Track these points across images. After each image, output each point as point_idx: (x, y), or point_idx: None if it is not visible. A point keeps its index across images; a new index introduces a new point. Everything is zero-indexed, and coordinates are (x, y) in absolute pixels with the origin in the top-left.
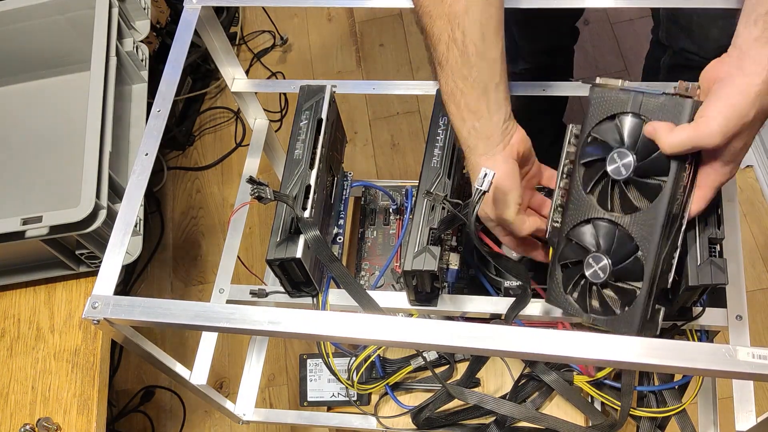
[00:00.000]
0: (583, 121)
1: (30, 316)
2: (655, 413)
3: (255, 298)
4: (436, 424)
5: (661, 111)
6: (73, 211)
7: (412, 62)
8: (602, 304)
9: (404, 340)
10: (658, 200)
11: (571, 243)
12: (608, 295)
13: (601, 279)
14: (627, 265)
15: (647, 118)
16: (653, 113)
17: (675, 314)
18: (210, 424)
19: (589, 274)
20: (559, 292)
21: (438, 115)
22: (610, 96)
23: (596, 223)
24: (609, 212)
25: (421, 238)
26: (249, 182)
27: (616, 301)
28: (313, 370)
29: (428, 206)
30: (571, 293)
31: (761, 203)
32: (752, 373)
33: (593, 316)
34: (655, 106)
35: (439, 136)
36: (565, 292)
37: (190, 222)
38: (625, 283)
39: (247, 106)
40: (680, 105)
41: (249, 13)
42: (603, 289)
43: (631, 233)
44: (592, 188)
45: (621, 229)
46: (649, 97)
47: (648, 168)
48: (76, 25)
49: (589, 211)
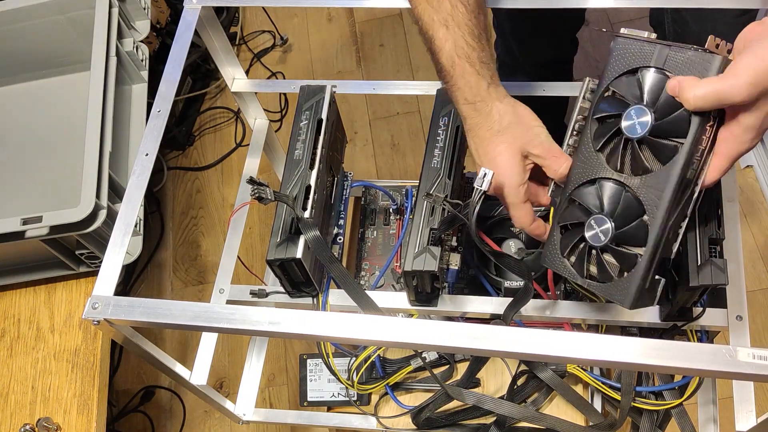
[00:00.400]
0: (602, 73)
1: (30, 316)
2: (654, 405)
3: (255, 298)
4: (436, 424)
5: (688, 66)
6: (73, 211)
7: (412, 62)
8: (600, 269)
9: (404, 340)
10: (673, 162)
11: (573, 204)
12: (607, 260)
13: (602, 242)
14: (630, 229)
15: (671, 74)
16: (678, 68)
17: (675, 314)
18: (210, 424)
19: (589, 236)
20: (555, 254)
21: (438, 115)
22: (634, 48)
23: (602, 183)
24: (617, 173)
25: (422, 239)
26: (249, 183)
27: (615, 267)
28: (313, 370)
29: (428, 207)
30: (569, 257)
31: (761, 203)
32: (752, 373)
33: (588, 281)
34: (681, 61)
35: (439, 137)
36: (562, 255)
37: (190, 222)
38: (626, 247)
39: (247, 106)
40: (708, 61)
41: (249, 13)
42: (602, 254)
43: (638, 195)
44: (603, 146)
45: (629, 190)
46: (675, 51)
47: (666, 128)
48: (76, 25)
49: (597, 171)
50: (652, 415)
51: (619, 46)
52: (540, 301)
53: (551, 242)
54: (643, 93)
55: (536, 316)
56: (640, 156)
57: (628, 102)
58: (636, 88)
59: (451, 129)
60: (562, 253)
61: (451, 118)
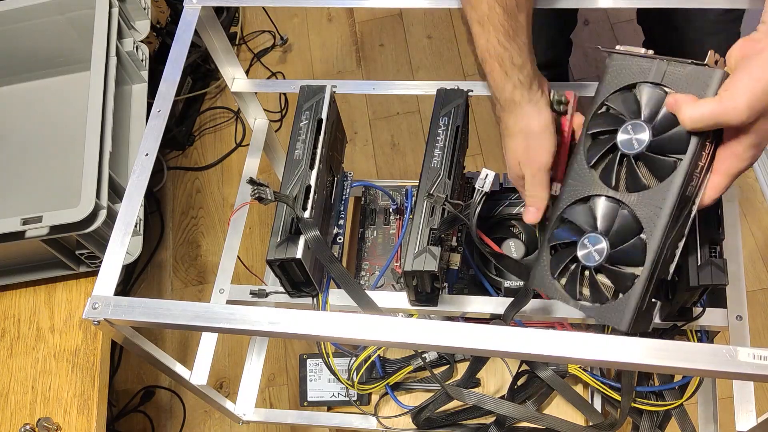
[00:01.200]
0: (597, 88)
1: (30, 316)
2: (654, 406)
3: (255, 298)
4: (436, 424)
5: (687, 81)
6: (73, 211)
7: (412, 62)
8: (594, 290)
9: (404, 340)
10: (672, 178)
11: (564, 223)
12: (602, 281)
13: (596, 262)
14: (626, 248)
15: (670, 89)
16: (677, 84)
17: (675, 314)
18: (210, 424)
19: (582, 255)
20: (545, 276)
21: (438, 115)
22: (630, 64)
23: (596, 201)
24: (612, 189)
25: (422, 239)
26: (249, 183)
27: (610, 288)
28: (313, 370)
29: (428, 207)
30: (559, 278)
31: (761, 203)
32: (753, 373)
33: (581, 304)
34: (680, 76)
35: (440, 137)
36: (553, 276)
37: (190, 222)
38: (621, 267)
39: (247, 106)
40: (708, 76)
41: (249, 13)
42: (596, 274)
43: (636, 212)
44: (597, 162)
45: (624, 207)
46: (674, 66)
47: (663, 144)
48: (76, 25)
49: (590, 188)
50: (653, 416)
51: (615, 63)
52: (540, 301)
53: (540, 264)
54: (640, 108)
55: (536, 316)
56: (636, 172)
57: (623, 118)
58: (633, 103)
59: (451, 129)
60: (552, 275)
61: (451, 118)
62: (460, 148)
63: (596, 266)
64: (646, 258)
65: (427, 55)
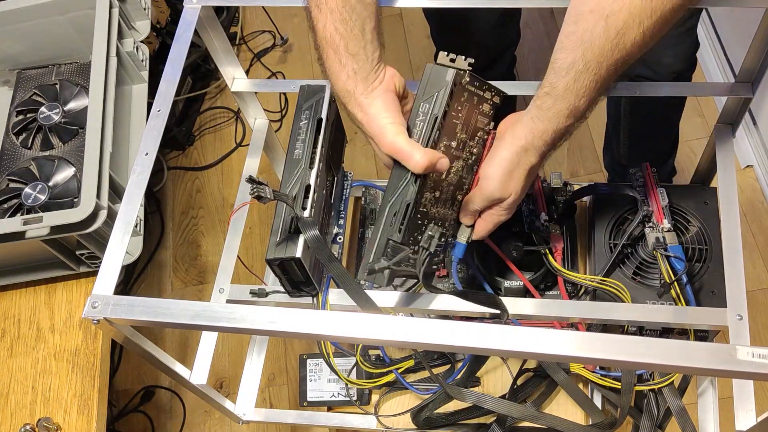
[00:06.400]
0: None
1: (30, 317)
2: (652, 386)
3: (255, 297)
4: (436, 423)
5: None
6: (73, 212)
7: (412, 62)
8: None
9: (404, 339)
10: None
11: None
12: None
13: None
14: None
15: None
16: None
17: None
18: (210, 424)
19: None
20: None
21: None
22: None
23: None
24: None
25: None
26: (249, 182)
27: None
28: (313, 370)
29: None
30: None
31: (761, 203)
32: (752, 372)
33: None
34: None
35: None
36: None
37: (190, 222)
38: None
39: (247, 106)
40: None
41: (249, 13)
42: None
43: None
44: None
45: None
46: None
47: None
48: (77, 25)
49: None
50: (653, 415)
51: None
52: (540, 300)
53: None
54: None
55: (536, 315)
56: None
57: None
58: None
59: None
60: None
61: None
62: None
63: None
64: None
65: (427, 55)
